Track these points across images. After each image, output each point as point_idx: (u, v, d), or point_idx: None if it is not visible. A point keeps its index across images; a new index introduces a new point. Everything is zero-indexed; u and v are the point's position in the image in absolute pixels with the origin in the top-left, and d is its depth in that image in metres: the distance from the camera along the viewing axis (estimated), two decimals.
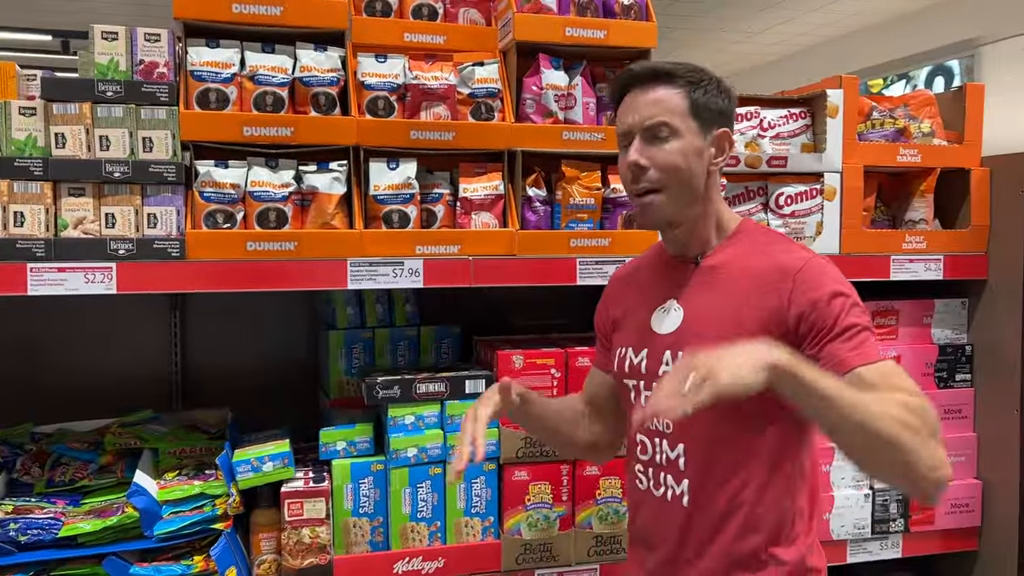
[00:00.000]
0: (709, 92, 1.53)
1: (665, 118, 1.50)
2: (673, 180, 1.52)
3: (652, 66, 1.55)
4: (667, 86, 1.52)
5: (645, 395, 1.59)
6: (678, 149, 1.51)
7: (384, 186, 2.01)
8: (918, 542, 2.42)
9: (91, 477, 2.09)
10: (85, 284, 1.82)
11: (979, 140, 2.47)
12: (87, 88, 1.86)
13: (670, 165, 1.51)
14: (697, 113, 1.52)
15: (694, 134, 1.52)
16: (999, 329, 2.41)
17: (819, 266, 1.50)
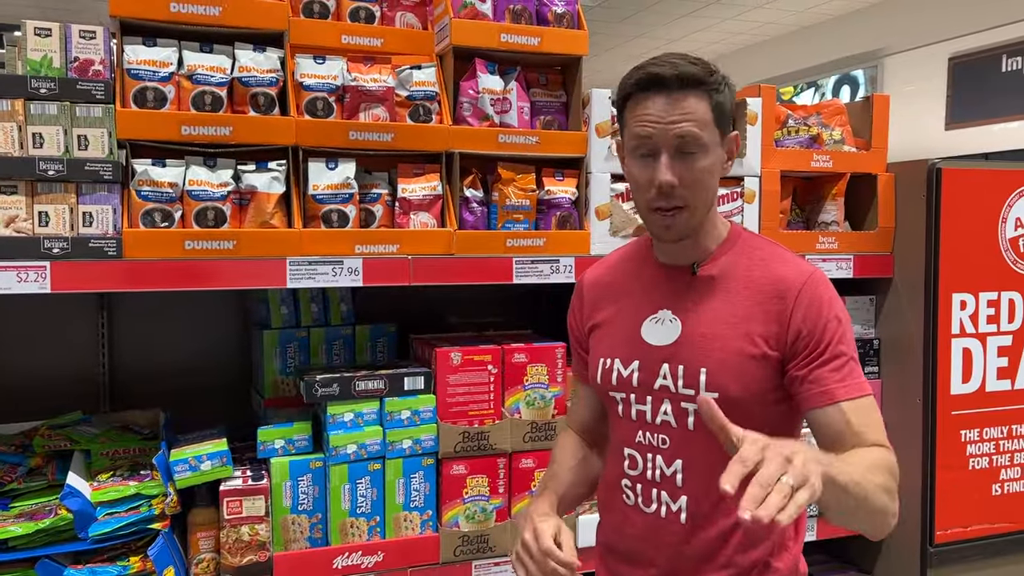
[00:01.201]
0: (723, 95, 1.44)
1: (697, 132, 1.40)
2: (699, 198, 1.45)
3: (679, 70, 1.40)
4: (695, 93, 1.41)
5: (636, 408, 1.54)
6: (707, 167, 1.43)
7: (323, 186, 2.03)
8: (830, 525, 2.56)
9: (20, 480, 2.05)
10: (18, 283, 1.79)
11: (885, 147, 2.64)
12: (19, 84, 1.82)
13: (699, 184, 1.43)
14: (719, 122, 1.43)
15: (717, 145, 1.45)
16: (904, 324, 2.58)
17: (818, 284, 1.46)
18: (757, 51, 10.07)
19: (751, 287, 1.48)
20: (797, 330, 1.43)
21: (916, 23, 7.99)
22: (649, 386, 1.52)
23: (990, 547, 2.58)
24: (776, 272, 1.48)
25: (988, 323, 2.56)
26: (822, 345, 1.42)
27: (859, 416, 1.41)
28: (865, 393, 1.43)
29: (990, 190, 2.56)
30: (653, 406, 1.52)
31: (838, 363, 1.42)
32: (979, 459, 2.56)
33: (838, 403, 1.41)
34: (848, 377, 1.42)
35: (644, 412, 1.53)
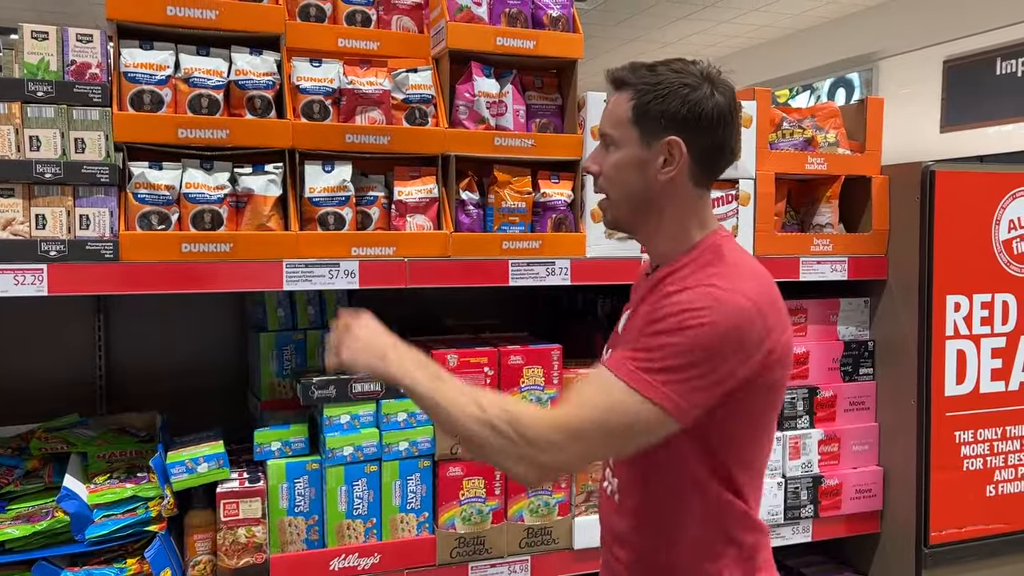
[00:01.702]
0: (657, 99, 1.46)
1: (608, 129, 1.53)
2: (612, 189, 1.55)
3: (612, 73, 1.54)
4: (621, 94, 1.51)
5: None
6: (616, 161, 1.52)
7: (320, 188, 2.04)
8: (826, 526, 2.57)
9: (17, 482, 2.05)
10: (15, 286, 1.79)
11: (879, 150, 2.65)
12: (16, 87, 1.83)
13: (606, 175, 1.55)
14: (639, 122, 1.48)
15: (634, 143, 1.49)
16: (898, 326, 2.59)
17: (696, 297, 1.40)
18: (752, 54, 10.11)
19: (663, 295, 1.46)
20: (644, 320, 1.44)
21: (911, 26, 8.02)
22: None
23: (985, 548, 2.59)
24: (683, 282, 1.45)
25: (982, 325, 2.57)
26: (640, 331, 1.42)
27: (589, 382, 1.46)
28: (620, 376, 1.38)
29: (984, 192, 2.57)
30: None
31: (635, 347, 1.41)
32: (973, 460, 2.57)
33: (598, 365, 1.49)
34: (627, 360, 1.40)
35: None
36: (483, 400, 1.42)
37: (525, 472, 1.41)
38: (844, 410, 2.61)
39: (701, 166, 1.51)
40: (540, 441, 1.38)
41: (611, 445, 1.44)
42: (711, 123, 1.47)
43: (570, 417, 1.40)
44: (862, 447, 2.61)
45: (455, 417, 1.41)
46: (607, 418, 1.38)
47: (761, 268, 1.53)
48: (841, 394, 2.60)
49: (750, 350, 1.40)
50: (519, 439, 1.37)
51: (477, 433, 1.40)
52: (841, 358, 2.62)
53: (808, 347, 2.58)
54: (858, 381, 2.64)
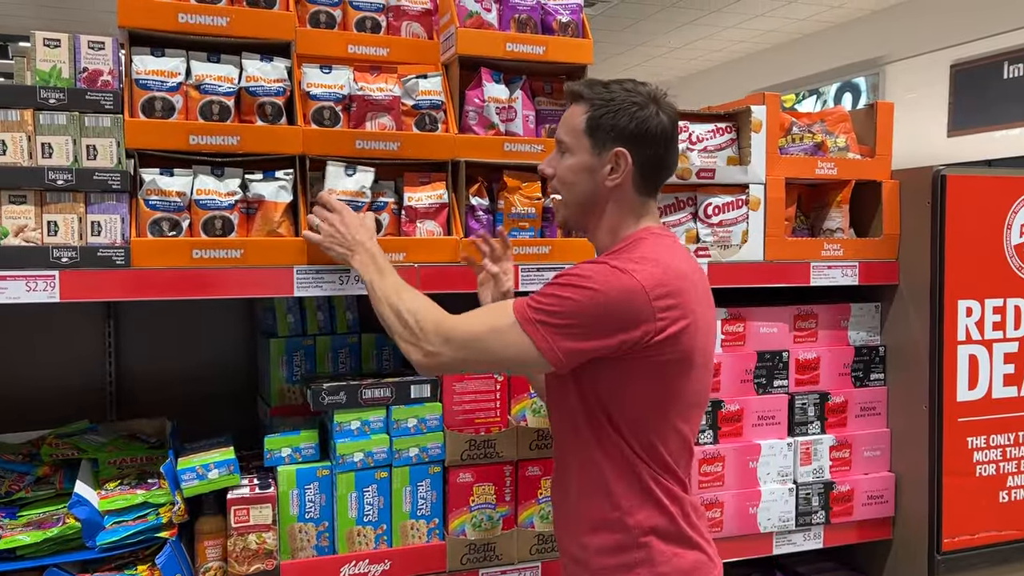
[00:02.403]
0: (609, 114, 1.66)
1: (563, 136, 1.74)
2: (563, 190, 1.75)
3: (569, 87, 1.75)
4: (577, 106, 1.72)
5: None
6: (568, 166, 1.72)
7: (338, 191, 2.03)
8: (838, 532, 2.56)
9: (28, 489, 2.05)
10: (27, 292, 1.79)
11: (889, 154, 2.65)
12: (29, 95, 1.84)
13: (559, 177, 1.75)
14: (592, 132, 1.68)
15: (585, 151, 1.70)
16: (909, 331, 2.58)
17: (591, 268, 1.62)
18: (759, 59, 10.10)
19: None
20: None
21: (918, 30, 8.01)
22: None
23: (998, 554, 2.58)
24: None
25: (994, 330, 2.56)
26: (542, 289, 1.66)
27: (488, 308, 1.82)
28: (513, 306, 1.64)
29: (995, 197, 2.56)
30: None
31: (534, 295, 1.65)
32: (986, 466, 2.56)
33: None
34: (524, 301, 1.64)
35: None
36: (403, 291, 1.77)
37: (416, 359, 1.72)
38: (855, 416, 2.59)
39: (643, 176, 1.70)
40: (429, 336, 1.68)
41: (486, 359, 1.70)
42: (654, 139, 1.68)
43: (455, 326, 1.68)
44: (874, 453, 2.60)
45: (378, 299, 1.77)
46: (486, 336, 1.65)
47: (677, 263, 1.65)
48: (852, 400, 2.59)
49: (629, 324, 1.58)
50: (416, 328, 1.69)
51: (387, 315, 1.75)
52: (852, 363, 2.61)
53: (819, 352, 2.57)
54: (869, 386, 2.63)
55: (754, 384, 2.49)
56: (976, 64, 7.44)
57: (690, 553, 1.69)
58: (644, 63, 10.36)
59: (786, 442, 2.49)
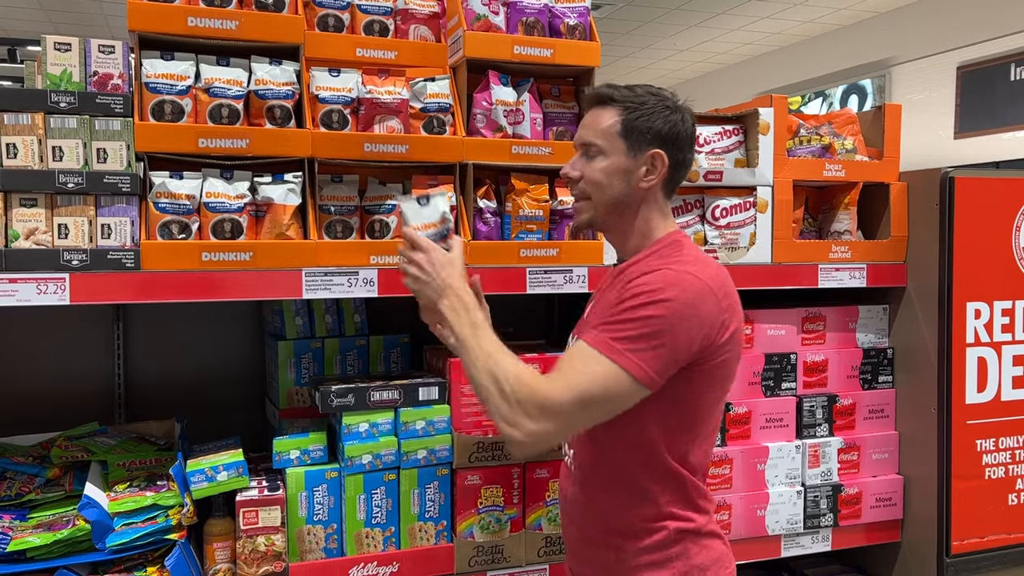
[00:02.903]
0: (644, 116, 1.68)
1: (594, 139, 1.71)
2: (595, 192, 1.72)
3: (597, 91, 1.73)
4: (606, 109, 1.71)
5: None
6: (603, 168, 1.70)
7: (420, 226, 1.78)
8: (846, 535, 2.55)
9: (38, 491, 2.06)
10: (38, 295, 1.80)
11: (897, 156, 2.64)
12: (39, 98, 1.85)
13: (591, 180, 1.72)
14: (627, 135, 1.68)
15: (620, 153, 1.69)
16: (917, 333, 2.57)
17: (659, 275, 1.58)
18: (765, 61, 10.10)
19: (626, 280, 1.65)
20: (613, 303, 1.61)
21: (924, 32, 8.00)
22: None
23: (1007, 557, 2.57)
24: (642, 267, 1.65)
25: (1003, 332, 2.56)
26: (611, 310, 1.59)
27: (567, 357, 1.61)
28: (600, 350, 1.54)
29: (1003, 198, 2.55)
30: None
31: (607, 322, 1.57)
32: (995, 468, 2.55)
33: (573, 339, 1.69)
34: (602, 332, 1.56)
35: None
36: (503, 359, 1.58)
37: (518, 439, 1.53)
38: (864, 418, 2.59)
39: (672, 177, 1.73)
40: (528, 409, 1.52)
41: (590, 414, 1.57)
42: (684, 142, 1.72)
43: (552, 393, 1.52)
44: (882, 455, 2.59)
45: (472, 362, 1.60)
46: (588, 389, 1.52)
47: (716, 263, 1.69)
48: (860, 402, 2.58)
49: (706, 326, 1.57)
50: (513, 400, 1.53)
51: (482, 381, 1.57)
52: (860, 366, 2.61)
53: (827, 355, 2.56)
54: (877, 389, 2.62)
55: (762, 386, 2.49)
56: (983, 66, 7.42)
57: (716, 544, 1.72)
58: (650, 65, 10.36)
59: (794, 444, 2.49)
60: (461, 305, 1.66)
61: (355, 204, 2.12)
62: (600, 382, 1.52)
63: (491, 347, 1.60)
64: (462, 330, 1.64)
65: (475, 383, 1.60)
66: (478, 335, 1.62)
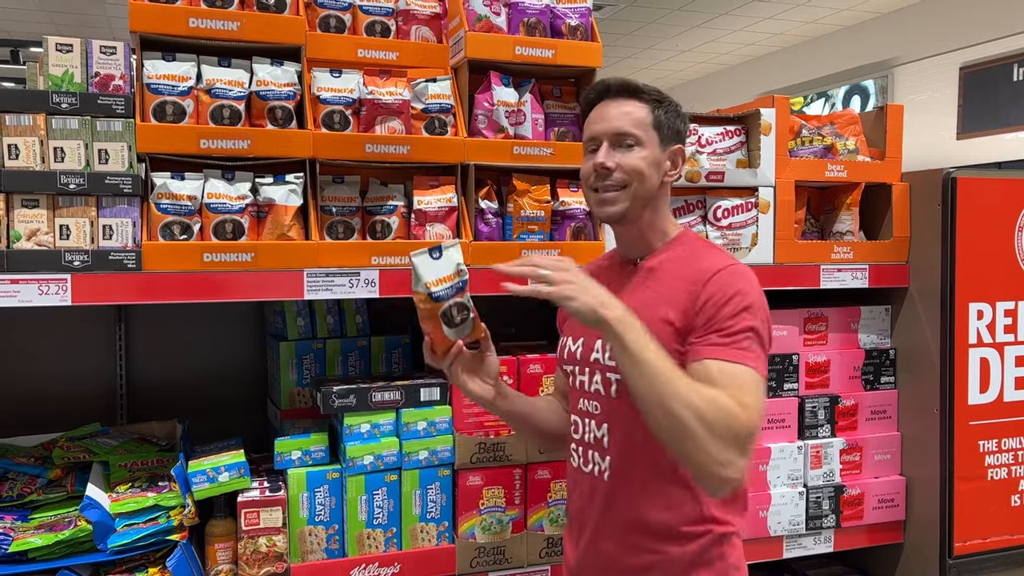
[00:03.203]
0: (669, 112, 1.71)
1: (632, 129, 1.68)
2: (635, 182, 1.68)
3: (624, 81, 1.71)
4: (636, 101, 1.70)
5: (579, 379, 1.76)
6: (642, 156, 1.68)
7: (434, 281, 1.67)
8: (848, 536, 2.55)
9: (40, 492, 2.07)
10: (39, 296, 1.80)
11: (899, 157, 2.64)
12: (41, 99, 1.85)
13: (635, 169, 1.67)
14: (659, 128, 1.69)
15: (655, 146, 1.69)
16: (920, 334, 2.57)
17: (734, 272, 1.61)
18: (767, 62, 10.09)
19: (679, 277, 1.65)
20: (701, 306, 1.58)
21: (926, 33, 7.99)
22: (587, 359, 1.73)
23: (1010, 558, 2.56)
24: (698, 264, 1.65)
25: (1005, 333, 2.55)
26: (718, 318, 1.55)
27: (728, 376, 1.50)
28: (743, 362, 1.51)
29: (1006, 199, 2.55)
30: (588, 376, 1.73)
31: (728, 333, 1.54)
32: (998, 470, 2.55)
33: (704, 360, 1.53)
34: (729, 346, 1.53)
35: (584, 382, 1.75)
36: (700, 387, 1.44)
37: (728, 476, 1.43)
38: (866, 419, 2.59)
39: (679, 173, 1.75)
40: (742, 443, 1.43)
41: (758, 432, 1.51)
42: (685, 140, 1.78)
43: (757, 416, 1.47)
44: (884, 456, 2.59)
45: (671, 393, 1.40)
46: (761, 401, 1.50)
47: None
48: (863, 403, 2.58)
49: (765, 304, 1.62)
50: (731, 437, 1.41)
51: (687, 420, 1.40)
52: (862, 366, 2.60)
53: (829, 355, 2.56)
54: (880, 390, 2.62)
55: None
56: (986, 66, 7.41)
57: (738, 541, 1.72)
58: (653, 66, 10.36)
59: (796, 445, 2.48)
60: (632, 319, 1.47)
61: (356, 205, 2.12)
62: (757, 391, 1.50)
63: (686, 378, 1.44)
64: (645, 353, 1.43)
65: (668, 418, 1.41)
66: (666, 360, 1.44)
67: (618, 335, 1.44)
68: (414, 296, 1.69)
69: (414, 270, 1.66)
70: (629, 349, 1.44)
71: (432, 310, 1.68)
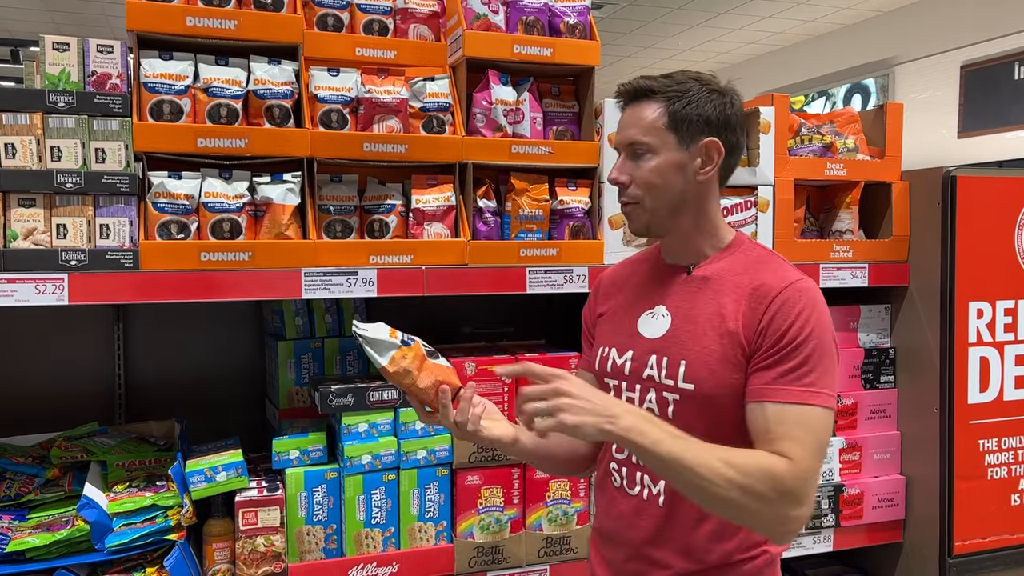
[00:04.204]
0: (692, 104, 1.54)
1: (641, 137, 1.56)
2: (649, 195, 1.56)
3: (635, 84, 1.59)
4: (647, 103, 1.57)
5: (627, 395, 1.61)
6: (653, 167, 1.55)
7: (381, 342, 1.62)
8: (848, 536, 2.55)
9: (37, 491, 2.06)
10: (36, 295, 1.80)
11: (899, 155, 2.63)
12: (38, 98, 1.85)
13: (645, 182, 1.56)
14: (676, 127, 1.54)
15: (672, 149, 1.55)
16: (919, 333, 2.56)
17: (797, 292, 1.49)
18: (768, 60, 10.08)
19: (738, 290, 1.53)
20: (763, 330, 1.48)
21: (927, 31, 7.98)
22: (639, 375, 1.60)
23: (1009, 558, 2.56)
24: (760, 278, 1.53)
25: (1005, 332, 2.54)
26: (778, 347, 1.46)
27: (781, 423, 1.42)
28: (806, 402, 1.43)
29: (1006, 198, 2.54)
30: (640, 394, 1.59)
31: (787, 367, 1.44)
32: (998, 469, 2.54)
33: (763, 402, 1.45)
34: (792, 383, 1.44)
35: (633, 399, 1.60)
36: (733, 457, 1.37)
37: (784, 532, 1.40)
38: (865, 418, 2.58)
39: (728, 165, 1.60)
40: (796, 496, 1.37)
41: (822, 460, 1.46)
42: (735, 125, 1.58)
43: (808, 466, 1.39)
44: (884, 455, 2.58)
45: (706, 478, 1.35)
46: (821, 443, 1.43)
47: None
48: (862, 402, 2.58)
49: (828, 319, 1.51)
50: (778, 497, 1.36)
51: (734, 497, 1.36)
52: (862, 365, 2.60)
53: None
54: (879, 389, 2.61)
55: None
56: (987, 65, 7.40)
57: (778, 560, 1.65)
58: (653, 65, 10.35)
59: None
60: (640, 417, 1.40)
61: (354, 204, 2.12)
62: (824, 431, 1.43)
63: (714, 453, 1.38)
64: (670, 448, 1.36)
65: (713, 500, 1.37)
66: (690, 446, 1.38)
67: (635, 444, 1.37)
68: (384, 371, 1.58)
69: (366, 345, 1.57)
70: (651, 452, 1.37)
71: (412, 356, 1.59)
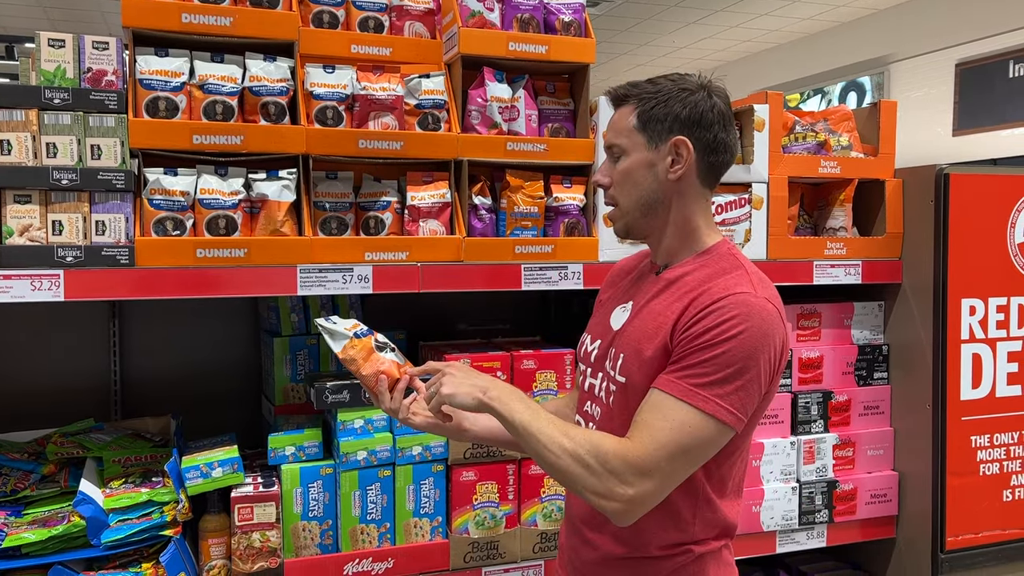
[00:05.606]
0: (660, 104, 1.56)
1: (614, 139, 1.62)
2: (622, 195, 1.61)
3: (615, 91, 1.64)
4: (624, 107, 1.61)
5: (590, 381, 1.69)
6: (624, 168, 1.60)
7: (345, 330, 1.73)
8: (841, 531, 2.56)
9: (33, 487, 2.07)
10: (32, 291, 1.80)
11: (893, 153, 2.64)
12: (33, 95, 1.85)
13: (619, 183, 1.61)
14: (644, 127, 1.57)
15: (642, 149, 1.58)
16: (913, 330, 2.58)
17: (742, 303, 1.46)
18: (763, 58, 10.09)
19: (689, 294, 1.53)
20: (687, 327, 1.48)
21: (923, 29, 8.00)
22: (601, 363, 1.66)
23: (1001, 553, 2.57)
24: (711, 285, 1.52)
25: (998, 328, 2.56)
26: (691, 345, 1.46)
27: (651, 410, 1.46)
28: (686, 399, 1.43)
29: (998, 195, 2.56)
30: (600, 381, 1.66)
31: (688, 363, 1.45)
32: (990, 465, 2.56)
33: (652, 389, 1.48)
34: (683, 379, 1.45)
35: (593, 385, 1.68)
36: (572, 431, 1.48)
37: (614, 510, 1.44)
38: (859, 414, 2.59)
39: (707, 163, 1.59)
40: (625, 476, 1.43)
41: (684, 467, 1.46)
42: (710, 122, 1.57)
43: (643, 452, 1.43)
44: (877, 452, 2.60)
45: (545, 445, 1.47)
46: (678, 442, 1.43)
47: (767, 279, 1.59)
48: (856, 398, 2.59)
49: (777, 352, 1.49)
50: (602, 470, 1.43)
51: (561, 462, 1.46)
52: (855, 362, 2.61)
53: (822, 351, 2.57)
54: (873, 385, 2.63)
55: None
56: (981, 63, 7.42)
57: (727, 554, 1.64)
58: (649, 63, 10.36)
59: (789, 441, 2.49)
60: (509, 391, 1.55)
61: (350, 200, 2.12)
62: (689, 431, 1.42)
63: (558, 426, 1.49)
64: (522, 417, 1.50)
65: (552, 467, 1.48)
66: (539, 418, 1.50)
67: (497, 412, 1.52)
68: (342, 357, 1.71)
69: (326, 335, 1.71)
70: (508, 419, 1.51)
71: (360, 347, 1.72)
